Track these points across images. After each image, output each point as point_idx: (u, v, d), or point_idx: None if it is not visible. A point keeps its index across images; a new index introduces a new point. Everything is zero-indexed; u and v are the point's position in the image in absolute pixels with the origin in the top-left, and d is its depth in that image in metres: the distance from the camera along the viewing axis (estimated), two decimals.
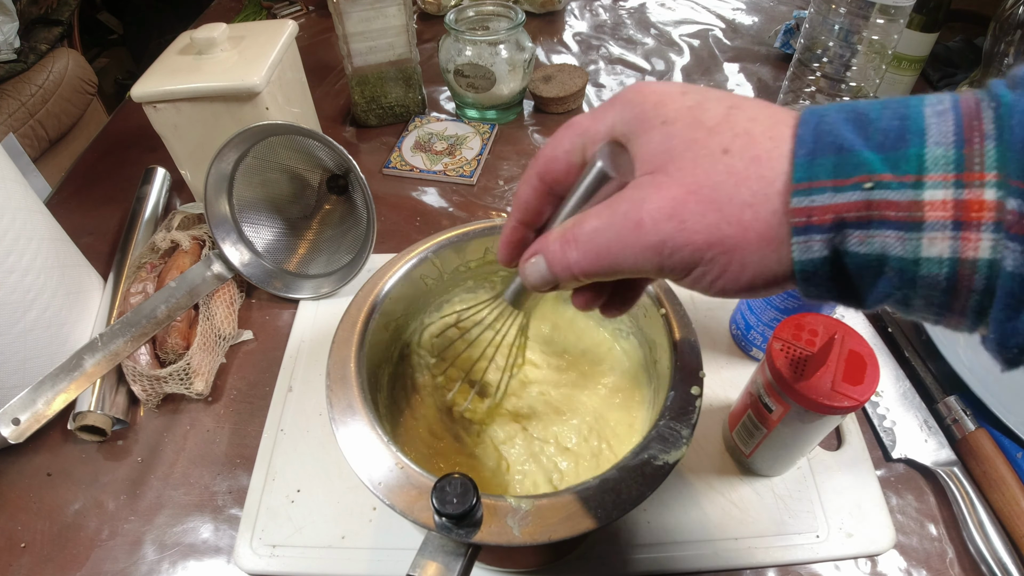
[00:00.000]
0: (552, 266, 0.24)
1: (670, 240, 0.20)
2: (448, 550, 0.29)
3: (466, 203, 0.70)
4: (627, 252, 0.22)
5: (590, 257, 0.23)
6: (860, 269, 0.19)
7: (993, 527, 0.41)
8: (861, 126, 0.19)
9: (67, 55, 1.47)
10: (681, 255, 0.21)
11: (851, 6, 0.60)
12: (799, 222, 0.19)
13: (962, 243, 0.17)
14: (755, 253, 0.20)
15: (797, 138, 0.19)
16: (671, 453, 0.32)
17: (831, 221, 0.18)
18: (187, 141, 0.60)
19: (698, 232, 0.20)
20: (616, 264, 0.22)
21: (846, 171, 0.18)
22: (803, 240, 0.19)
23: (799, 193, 0.19)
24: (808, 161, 0.19)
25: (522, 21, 0.73)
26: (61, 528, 0.44)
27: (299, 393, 0.51)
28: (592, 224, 0.23)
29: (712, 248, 0.20)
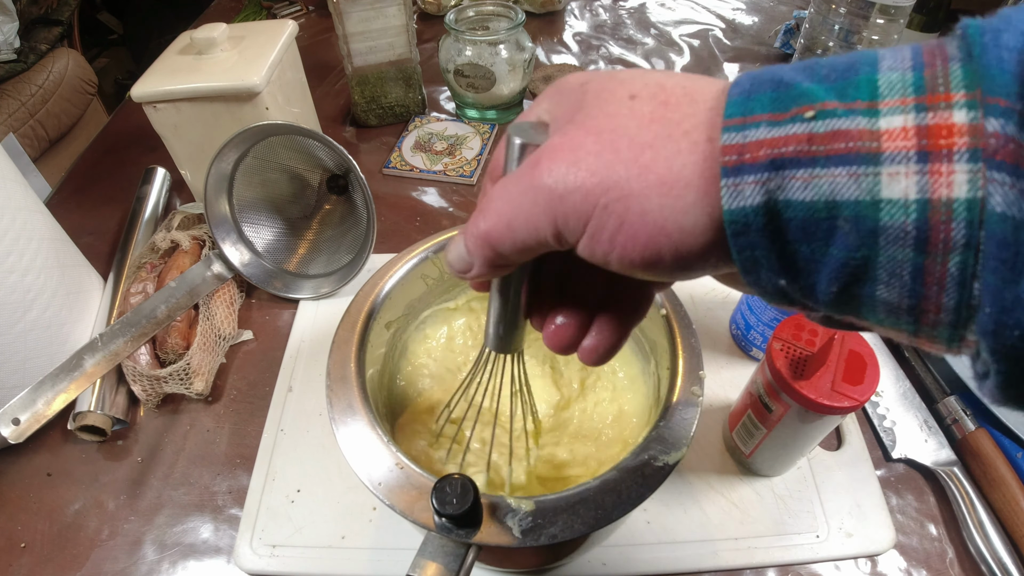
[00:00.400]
0: (467, 240, 0.22)
1: (562, 180, 0.18)
2: (448, 551, 0.29)
3: (466, 203, 0.70)
4: (523, 204, 0.19)
5: (493, 219, 0.20)
6: (806, 225, 0.15)
7: (993, 527, 0.41)
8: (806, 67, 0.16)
9: (67, 55, 1.47)
10: (573, 199, 0.18)
11: (851, 6, 0.60)
12: (729, 161, 0.16)
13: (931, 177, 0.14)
14: (654, 199, 0.17)
15: (733, 83, 0.17)
16: (671, 454, 0.32)
17: (766, 157, 0.15)
18: (187, 141, 0.60)
19: (592, 171, 0.18)
20: (514, 222, 0.20)
21: (784, 103, 0.16)
22: (733, 183, 0.16)
23: (730, 129, 0.16)
24: (743, 98, 0.16)
25: (522, 21, 0.73)
26: (61, 528, 0.44)
27: (299, 393, 0.51)
28: (499, 184, 0.21)
29: (606, 192, 0.18)
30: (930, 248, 0.14)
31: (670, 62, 0.93)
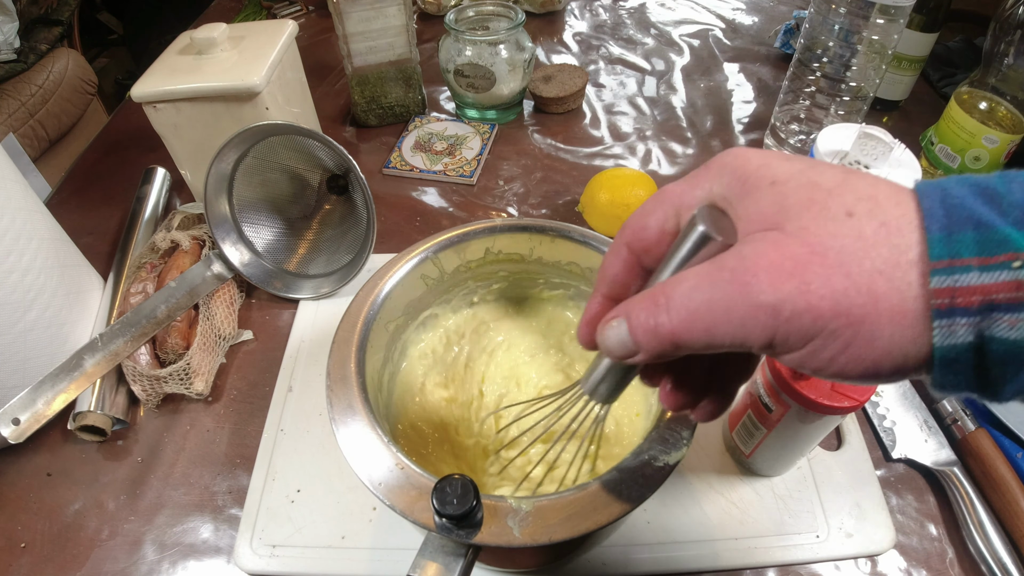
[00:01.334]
0: (635, 329, 0.21)
1: (789, 302, 0.18)
2: (448, 551, 0.29)
3: (466, 203, 0.70)
4: (732, 314, 0.19)
5: (682, 318, 0.20)
6: (1006, 357, 0.17)
7: (993, 527, 0.41)
8: (992, 200, 0.17)
9: (67, 55, 1.47)
10: (801, 322, 0.18)
11: (851, 6, 0.60)
12: (941, 303, 0.17)
13: None
14: (886, 328, 0.18)
15: (925, 211, 0.18)
16: (671, 454, 0.32)
17: (979, 303, 0.17)
18: (187, 141, 0.60)
19: (823, 297, 0.18)
20: (715, 328, 0.19)
21: (990, 249, 0.17)
22: (946, 324, 0.17)
23: (939, 272, 0.17)
24: (945, 236, 0.17)
25: (522, 21, 0.73)
26: (61, 528, 0.44)
27: (299, 393, 0.51)
28: (689, 283, 0.20)
29: (838, 318, 0.18)
30: None
31: (670, 62, 0.93)
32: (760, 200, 0.20)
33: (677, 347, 0.20)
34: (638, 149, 0.77)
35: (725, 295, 0.19)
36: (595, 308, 0.25)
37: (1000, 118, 0.62)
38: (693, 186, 0.22)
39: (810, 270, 0.18)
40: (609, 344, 0.22)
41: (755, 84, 0.88)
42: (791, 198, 0.19)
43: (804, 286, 0.18)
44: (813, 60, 0.66)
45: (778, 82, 0.88)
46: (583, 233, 0.44)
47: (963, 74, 0.84)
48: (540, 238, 0.44)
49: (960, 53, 0.88)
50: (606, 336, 0.22)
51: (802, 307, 0.18)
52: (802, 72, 0.67)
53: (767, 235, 0.19)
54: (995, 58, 0.60)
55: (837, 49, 0.63)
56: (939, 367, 0.17)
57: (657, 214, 0.23)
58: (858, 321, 0.18)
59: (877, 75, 0.64)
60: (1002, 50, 0.59)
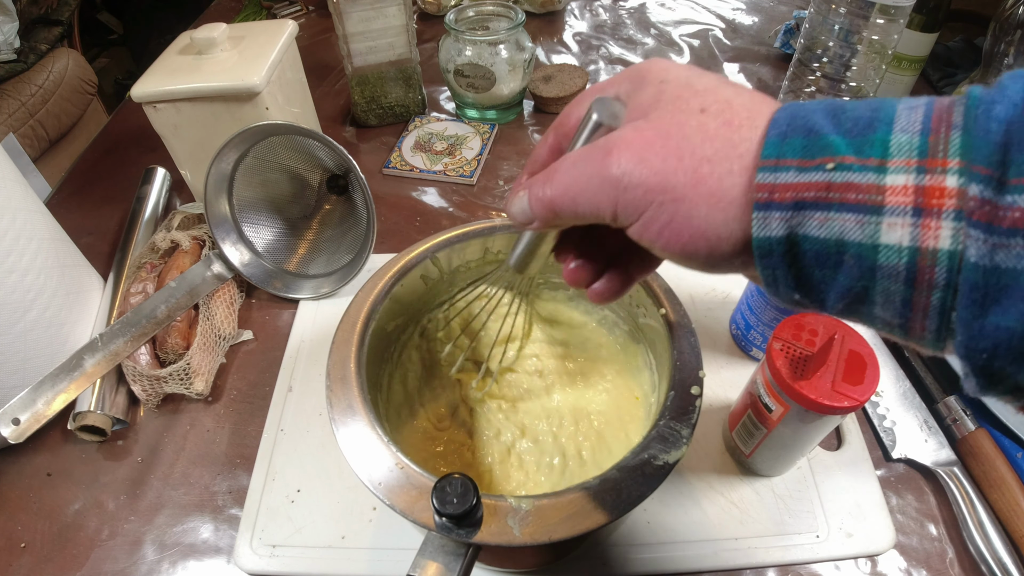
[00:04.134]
0: (531, 200, 0.25)
1: (627, 175, 0.21)
2: (448, 550, 0.29)
3: (466, 203, 0.70)
4: (590, 185, 0.22)
5: (559, 189, 0.23)
6: (818, 256, 0.18)
7: (993, 527, 0.41)
8: (834, 115, 0.19)
9: (67, 55, 1.47)
10: (634, 193, 0.21)
11: (851, 6, 0.60)
12: (761, 197, 0.19)
13: (922, 230, 0.16)
14: (702, 207, 0.20)
15: (772, 120, 0.20)
16: (671, 453, 0.32)
17: (791, 199, 0.18)
18: (187, 141, 0.60)
19: (655, 173, 0.20)
20: (579, 197, 0.22)
21: (812, 152, 0.18)
22: (763, 216, 0.19)
23: (765, 169, 0.19)
24: (778, 141, 0.19)
25: (522, 21, 0.73)
26: (61, 528, 0.44)
27: (299, 393, 0.51)
28: (570, 159, 0.23)
29: (664, 192, 0.20)
30: (917, 285, 0.17)
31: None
32: (644, 94, 0.23)
33: (555, 214, 0.24)
34: None
35: (588, 168, 0.22)
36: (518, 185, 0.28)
37: None
38: (611, 84, 0.26)
39: (651, 150, 0.21)
40: (513, 211, 0.26)
41: (755, 84, 0.88)
42: (666, 94, 0.22)
43: (642, 163, 0.21)
44: (813, 60, 0.66)
45: (778, 82, 0.88)
46: None
47: (963, 74, 0.84)
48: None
49: (960, 53, 0.88)
50: (512, 206, 0.26)
51: (637, 180, 0.21)
52: (802, 72, 0.67)
53: (635, 123, 0.22)
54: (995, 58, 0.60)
55: (837, 49, 0.63)
56: (757, 255, 0.19)
57: (578, 108, 0.26)
58: (680, 198, 0.20)
59: (877, 75, 0.64)
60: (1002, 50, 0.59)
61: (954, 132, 0.17)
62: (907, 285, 0.17)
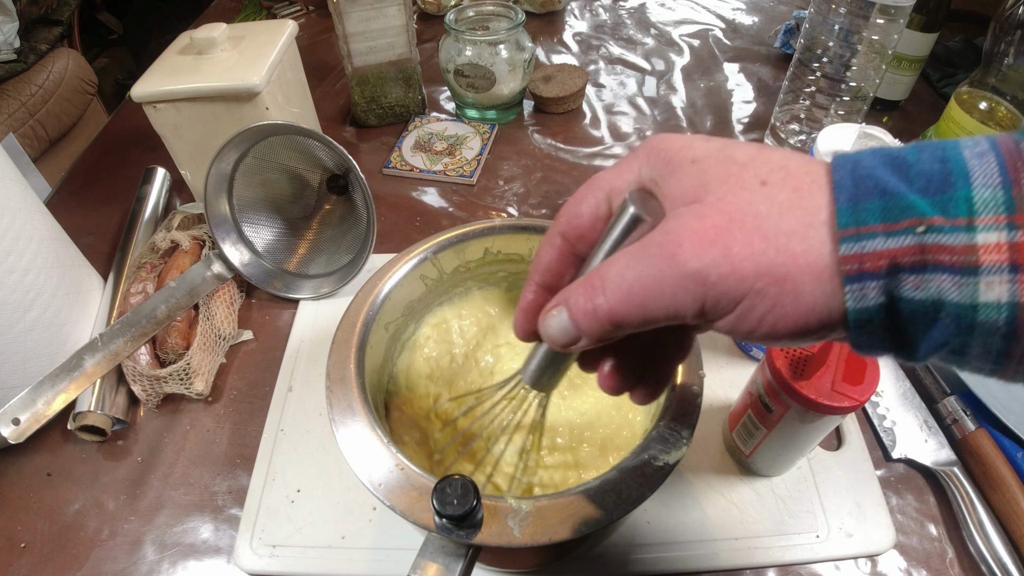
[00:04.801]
0: (575, 314, 0.22)
1: (714, 266, 0.19)
2: (448, 551, 0.29)
3: (466, 203, 0.70)
4: (663, 286, 0.20)
5: (618, 297, 0.21)
6: (915, 316, 0.18)
7: (993, 527, 0.41)
8: (900, 170, 0.18)
9: (67, 55, 1.47)
10: (727, 285, 0.19)
11: (851, 6, 0.60)
12: (851, 269, 0.18)
13: (1020, 286, 0.16)
14: (807, 284, 0.19)
15: (834, 183, 0.19)
16: (671, 453, 0.32)
17: (886, 267, 0.18)
18: (187, 141, 0.60)
19: (745, 259, 0.19)
20: (649, 303, 0.20)
21: (895, 215, 0.18)
22: (857, 288, 0.18)
23: (847, 239, 0.18)
24: (852, 205, 0.18)
25: (522, 21, 0.73)
26: (61, 528, 0.44)
27: (299, 393, 0.51)
28: (621, 262, 0.21)
29: (761, 277, 0.19)
30: (1015, 337, 0.17)
31: (670, 62, 0.93)
32: (682, 178, 0.21)
33: (617, 327, 0.21)
34: None
35: (654, 268, 0.20)
36: (529, 297, 0.26)
37: (1000, 118, 0.62)
38: (622, 171, 0.23)
39: (730, 235, 0.19)
40: (552, 333, 0.23)
41: (755, 84, 0.88)
42: (709, 173, 0.20)
43: (726, 250, 0.19)
44: (813, 60, 0.65)
45: (778, 82, 0.88)
46: None
47: (963, 74, 0.84)
48: (539, 238, 0.44)
49: (960, 53, 0.88)
50: (548, 326, 0.23)
51: (727, 270, 0.19)
52: (802, 72, 0.67)
53: (690, 208, 0.20)
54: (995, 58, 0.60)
55: (837, 49, 0.63)
56: (854, 329, 0.19)
57: (589, 201, 0.24)
58: (781, 279, 0.19)
59: (877, 75, 0.64)
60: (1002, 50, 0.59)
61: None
62: (1005, 339, 0.17)
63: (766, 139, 0.75)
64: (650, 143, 0.23)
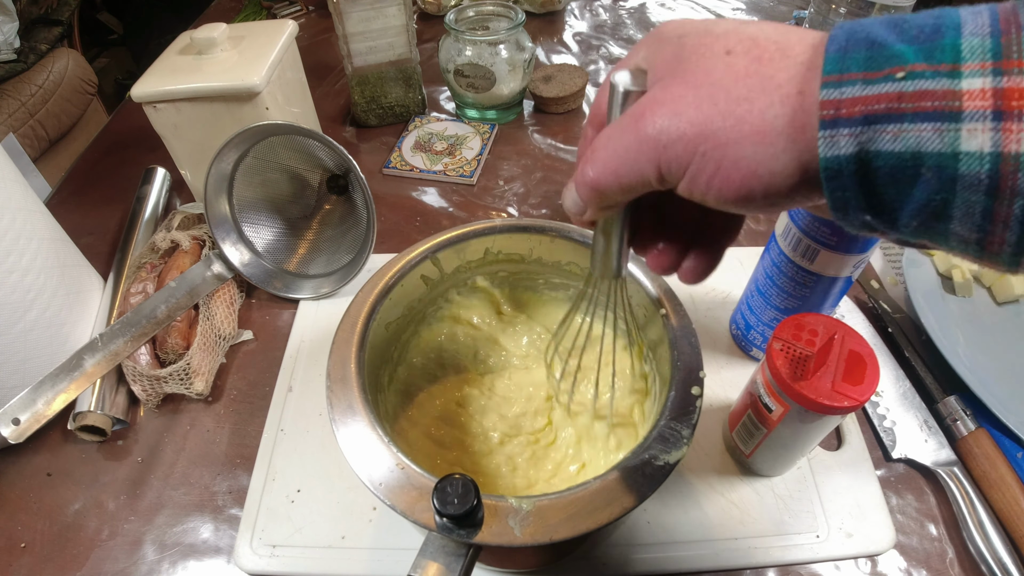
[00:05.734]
0: (577, 187, 0.24)
1: (664, 131, 0.20)
2: (449, 551, 0.29)
3: (466, 203, 0.70)
4: (631, 152, 0.22)
5: (600, 166, 0.23)
6: (894, 171, 0.18)
7: (993, 527, 0.41)
8: (895, 25, 0.18)
9: (67, 55, 1.47)
10: (675, 149, 0.20)
11: (851, 6, 0.60)
12: (827, 115, 0.18)
13: (1003, 135, 0.16)
14: (747, 147, 0.19)
15: (829, 37, 0.19)
16: (672, 453, 0.32)
17: (860, 113, 0.17)
18: (187, 141, 0.60)
19: (692, 123, 0.20)
20: (621, 168, 0.22)
21: (878, 63, 0.18)
22: (830, 134, 0.18)
23: (828, 85, 0.18)
24: (839, 55, 0.18)
25: (522, 21, 0.73)
26: (61, 528, 0.44)
27: (299, 393, 0.51)
28: (604, 134, 0.23)
29: (705, 141, 0.20)
30: (999, 193, 0.16)
31: None
32: (665, 52, 0.22)
33: (602, 192, 0.23)
34: None
35: (624, 137, 0.22)
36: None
37: None
38: (629, 58, 0.25)
39: (684, 102, 0.20)
40: (567, 206, 0.26)
41: None
42: (688, 47, 0.22)
43: (676, 116, 0.20)
44: None
45: None
46: (583, 233, 0.44)
47: None
48: (540, 238, 0.45)
49: None
50: (564, 200, 0.26)
51: (675, 135, 0.20)
52: None
53: (661, 81, 0.22)
54: None
55: None
56: (825, 179, 0.18)
57: (604, 92, 0.25)
58: (722, 143, 0.20)
59: None
60: None
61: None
62: (988, 195, 0.16)
63: None
64: (656, 28, 0.24)
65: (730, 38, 0.21)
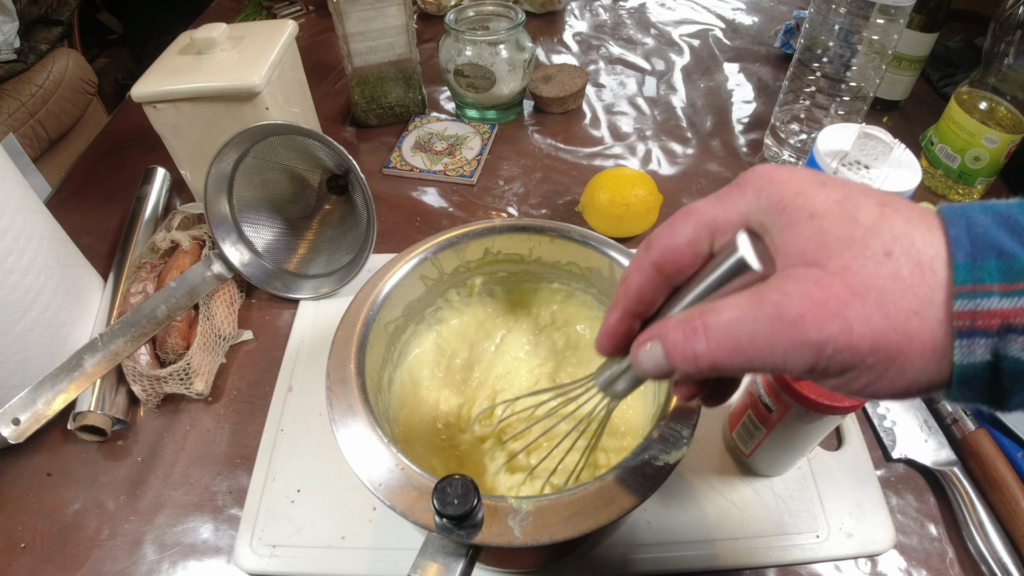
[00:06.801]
0: (672, 354, 0.22)
1: (832, 340, 0.19)
2: (449, 551, 0.29)
3: (466, 203, 0.70)
4: (775, 348, 0.20)
5: (724, 349, 0.21)
6: (1015, 374, 0.18)
7: (993, 527, 0.41)
8: (1013, 230, 0.19)
9: (67, 55, 1.47)
10: (841, 357, 0.19)
11: (851, 6, 0.60)
12: (963, 325, 0.18)
13: None
14: (917, 362, 0.19)
15: (951, 239, 0.19)
16: (672, 453, 0.32)
17: (997, 326, 0.18)
18: (187, 141, 0.60)
19: (864, 336, 0.19)
20: (755, 359, 0.21)
21: (1011, 276, 0.18)
22: (966, 344, 0.18)
23: (963, 296, 0.18)
24: (970, 263, 0.19)
25: (522, 21, 0.73)
26: (61, 528, 0.44)
27: (299, 393, 0.51)
28: (731, 314, 0.21)
29: (875, 354, 0.19)
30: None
31: (670, 62, 0.93)
32: (800, 234, 0.21)
33: (717, 371, 0.22)
34: (638, 149, 0.77)
35: (769, 329, 0.20)
36: (614, 321, 0.26)
37: (1000, 118, 0.62)
38: (726, 207, 0.23)
39: (852, 310, 0.19)
40: (645, 366, 0.24)
41: (755, 84, 0.88)
42: (831, 235, 0.20)
43: (847, 326, 0.19)
44: (813, 60, 0.65)
45: (778, 82, 0.88)
46: (583, 233, 0.44)
47: (963, 74, 0.84)
48: (539, 238, 0.44)
49: (960, 53, 0.88)
50: (641, 359, 0.24)
51: (844, 345, 0.19)
52: (802, 72, 0.67)
53: (810, 272, 0.20)
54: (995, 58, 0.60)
55: (837, 49, 0.63)
56: (957, 384, 0.19)
57: (687, 233, 0.23)
58: (893, 356, 0.19)
59: (877, 75, 0.64)
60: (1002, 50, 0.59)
61: None
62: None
63: (766, 139, 0.75)
64: (757, 178, 0.22)
65: (884, 234, 0.20)
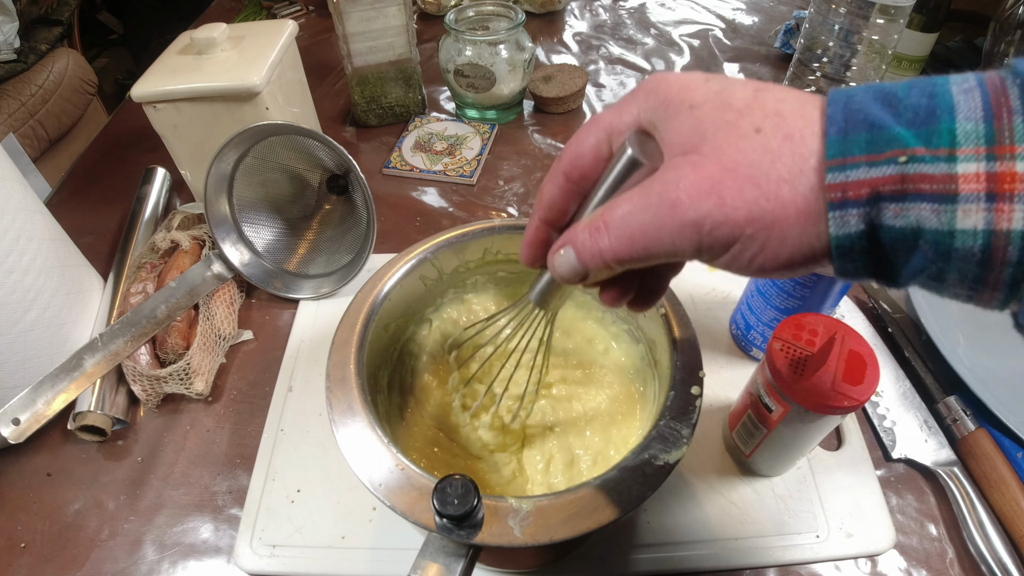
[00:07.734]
0: (582, 255, 0.24)
1: (709, 217, 0.20)
2: (449, 551, 0.29)
3: (466, 203, 0.70)
4: (663, 232, 0.21)
5: (623, 241, 0.22)
6: (895, 243, 0.19)
7: (993, 527, 0.41)
8: (890, 104, 0.19)
9: (67, 55, 1.46)
10: (720, 232, 0.21)
11: (851, 6, 0.60)
12: (835, 197, 0.19)
13: (996, 215, 0.17)
14: (794, 228, 0.20)
15: (827, 117, 0.20)
16: (671, 453, 0.32)
17: (867, 195, 0.19)
18: (187, 141, 0.60)
19: (738, 208, 0.20)
20: (651, 246, 0.22)
21: (879, 146, 0.19)
22: (839, 215, 0.19)
23: (833, 169, 0.19)
24: (841, 138, 0.19)
25: (522, 21, 0.73)
26: (61, 528, 0.44)
27: (299, 393, 0.51)
28: (624, 208, 0.22)
29: (752, 224, 0.20)
30: (990, 264, 0.18)
31: (670, 62, 0.93)
32: (680, 124, 0.22)
33: (621, 265, 0.23)
34: None
35: (655, 217, 0.22)
36: (532, 231, 0.28)
37: None
38: (622, 112, 0.24)
39: (724, 186, 0.20)
40: (561, 271, 0.25)
41: None
42: (706, 121, 0.21)
43: (720, 201, 0.20)
44: (813, 60, 0.65)
45: (778, 82, 0.88)
46: None
47: None
48: None
49: (960, 53, 0.88)
50: (557, 264, 0.25)
51: (720, 219, 0.20)
52: (802, 72, 0.67)
53: (687, 158, 0.21)
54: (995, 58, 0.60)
55: (837, 49, 0.63)
56: (836, 255, 0.20)
57: (590, 140, 0.25)
58: (769, 225, 0.20)
59: (877, 75, 0.64)
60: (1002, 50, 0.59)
61: (1016, 118, 0.18)
62: (981, 265, 0.18)
63: None
64: (649, 83, 0.24)
65: (755, 113, 0.21)
